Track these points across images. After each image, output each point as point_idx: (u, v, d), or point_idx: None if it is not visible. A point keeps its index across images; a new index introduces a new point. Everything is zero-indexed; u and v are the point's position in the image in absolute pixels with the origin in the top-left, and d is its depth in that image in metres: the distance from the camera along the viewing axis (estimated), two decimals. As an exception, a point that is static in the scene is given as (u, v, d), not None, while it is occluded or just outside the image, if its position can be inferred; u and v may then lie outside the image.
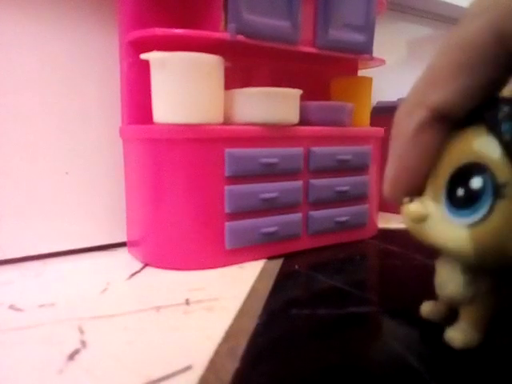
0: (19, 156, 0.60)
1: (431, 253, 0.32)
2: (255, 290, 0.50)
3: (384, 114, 0.98)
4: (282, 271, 0.57)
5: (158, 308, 0.45)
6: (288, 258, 0.63)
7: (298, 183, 0.64)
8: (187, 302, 0.46)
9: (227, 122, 0.60)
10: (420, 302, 0.41)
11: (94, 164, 0.66)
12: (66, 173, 0.64)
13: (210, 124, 0.56)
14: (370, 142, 0.73)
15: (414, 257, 0.63)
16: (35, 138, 0.61)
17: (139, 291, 0.50)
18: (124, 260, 0.62)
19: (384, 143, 0.78)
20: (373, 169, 0.74)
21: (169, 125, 0.55)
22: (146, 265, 0.59)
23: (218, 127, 0.57)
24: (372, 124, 0.79)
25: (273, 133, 0.61)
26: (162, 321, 0.42)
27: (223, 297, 0.48)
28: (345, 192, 0.70)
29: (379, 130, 0.75)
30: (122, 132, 0.63)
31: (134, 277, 0.55)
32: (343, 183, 0.69)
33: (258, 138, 0.60)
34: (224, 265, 0.59)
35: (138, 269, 0.58)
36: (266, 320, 0.42)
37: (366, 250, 0.69)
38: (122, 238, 0.68)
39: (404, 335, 0.39)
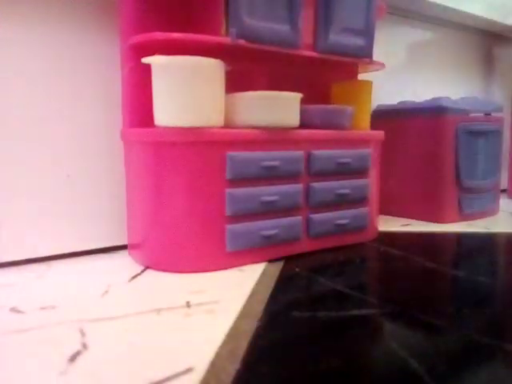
0: (20, 159, 0.60)
1: (431, 256, 0.32)
2: (256, 292, 0.51)
3: (384, 117, 0.98)
4: (282, 274, 0.58)
5: (158, 310, 0.45)
6: (288, 260, 0.63)
7: (299, 186, 0.64)
8: (188, 305, 0.47)
9: (228, 125, 0.61)
10: (420, 305, 0.41)
11: (94, 167, 0.66)
12: (68, 176, 0.64)
13: (211, 127, 0.57)
14: (370, 145, 0.73)
15: (414, 259, 0.63)
16: (37, 142, 0.61)
17: (140, 294, 0.50)
18: (125, 263, 0.62)
19: (384, 146, 0.79)
20: (373, 172, 0.75)
21: (170, 128, 0.56)
22: (146, 267, 0.59)
23: (219, 130, 0.57)
24: (372, 127, 0.79)
25: (273, 136, 0.61)
26: (162, 323, 0.42)
27: (224, 299, 0.48)
28: (345, 195, 0.70)
29: (379, 133, 0.75)
30: (123, 135, 0.64)
31: (135, 279, 0.55)
32: (343, 186, 0.70)
33: (259, 141, 0.60)
34: (225, 267, 0.59)
35: (138, 271, 0.58)
36: (267, 322, 0.42)
37: (366, 252, 0.69)
38: (123, 241, 0.68)
39: (404, 337, 0.39)
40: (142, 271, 0.58)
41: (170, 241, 0.57)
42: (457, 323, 0.42)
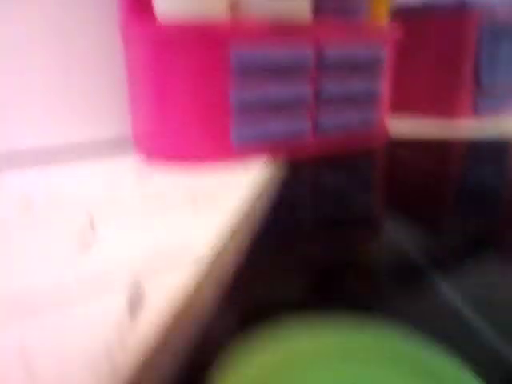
0: (24, 60, 0.57)
1: (441, 159, 0.32)
2: (260, 189, 0.51)
3: (403, 13, 0.91)
4: (287, 171, 0.57)
5: (164, 205, 0.45)
6: (294, 158, 0.63)
7: (308, 82, 0.61)
8: (194, 201, 0.47)
9: (232, 15, 0.56)
10: (426, 204, 0.41)
11: (95, 64, 0.63)
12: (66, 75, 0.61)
13: (214, 18, 0.52)
14: (386, 40, 0.68)
15: (422, 162, 0.62)
16: (39, 34, 0.58)
17: (146, 189, 0.51)
18: (130, 155, 0.62)
19: (401, 44, 0.73)
20: (386, 69, 0.70)
21: (171, 19, 0.51)
22: (152, 161, 0.59)
23: (223, 22, 0.53)
24: (390, 22, 0.73)
25: (282, 27, 0.57)
26: (169, 218, 0.43)
27: (229, 195, 0.48)
28: (356, 94, 0.67)
29: (397, 29, 0.70)
30: (122, 30, 0.59)
31: (141, 174, 0.55)
32: (355, 84, 0.66)
33: (267, 33, 0.56)
34: (230, 163, 0.59)
35: (145, 166, 0.58)
36: (270, 218, 0.43)
37: (374, 154, 0.68)
38: (128, 135, 0.68)
39: (408, 233, 0.40)
40: (148, 166, 0.58)
41: (174, 133, 0.56)
42: (461, 220, 0.42)
